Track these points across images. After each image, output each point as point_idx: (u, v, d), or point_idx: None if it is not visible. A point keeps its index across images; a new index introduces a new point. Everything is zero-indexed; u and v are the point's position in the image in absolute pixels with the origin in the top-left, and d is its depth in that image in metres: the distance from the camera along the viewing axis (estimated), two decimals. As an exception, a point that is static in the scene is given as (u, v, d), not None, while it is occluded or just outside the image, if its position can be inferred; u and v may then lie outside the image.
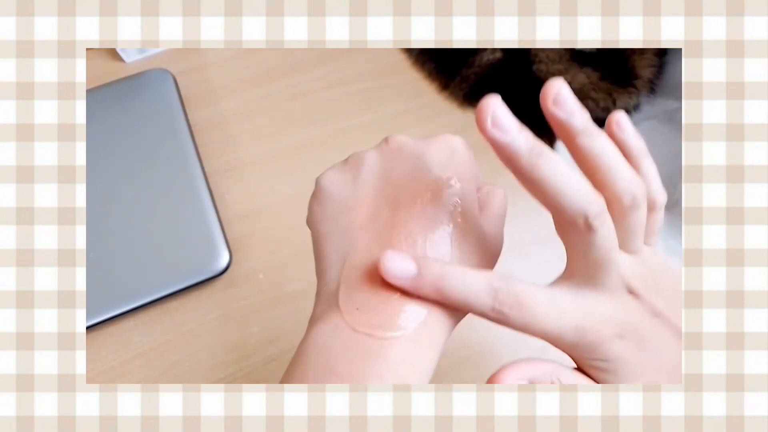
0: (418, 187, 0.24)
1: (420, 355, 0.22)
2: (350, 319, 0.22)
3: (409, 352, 0.22)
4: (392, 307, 0.22)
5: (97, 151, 0.49)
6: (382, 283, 0.22)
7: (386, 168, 0.25)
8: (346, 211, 0.24)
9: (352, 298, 0.22)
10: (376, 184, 0.25)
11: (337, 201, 0.25)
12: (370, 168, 0.25)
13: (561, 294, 0.23)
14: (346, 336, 0.21)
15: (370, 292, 0.22)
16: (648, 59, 0.51)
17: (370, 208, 0.24)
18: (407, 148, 0.25)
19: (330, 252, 0.24)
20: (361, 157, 0.26)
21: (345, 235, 0.24)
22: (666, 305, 0.24)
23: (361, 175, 0.25)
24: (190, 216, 0.47)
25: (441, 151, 0.25)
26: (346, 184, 0.25)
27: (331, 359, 0.21)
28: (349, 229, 0.24)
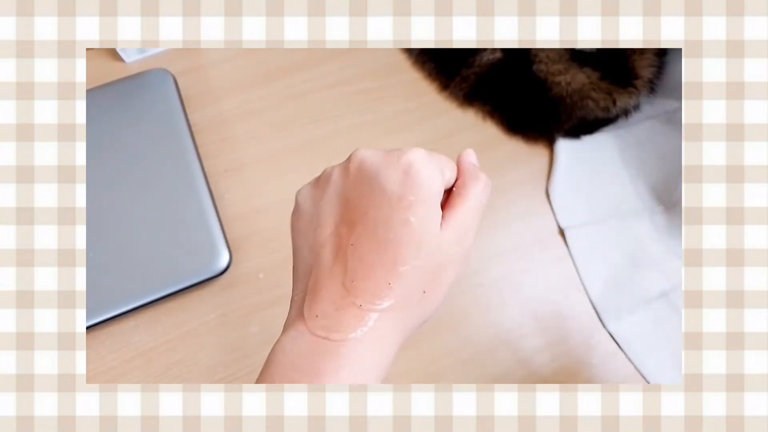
0: (371, 207, 0.25)
1: (369, 355, 0.24)
2: (311, 325, 0.24)
3: (358, 353, 0.24)
4: (346, 315, 0.24)
5: (97, 151, 0.49)
6: (338, 295, 0.24)
7: (347, 187, 0.26)
8: (312, 227, 0.27)
9: (313, 308, 0.25)
10: (338, 202, 0.26)
11: (307, 217, 0.27)
12: (334, 187, 0.27)
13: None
14: (308, 340, 0.24)
15: (328, 303, 0.24)
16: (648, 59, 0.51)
17: (331, 227, 0.26)
18: (365, 167, 0.26)
19: (299, 265, 0.27)
20: (328, 175, 0.27)
21: (311, 251, 0.26)
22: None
23: (326, 194, 0.27)
24: (190, 216, 0.47)
25: (396, 170, 0.25)
26: (315, 201, 0.27)
27: (294, 359, 0.24)
28: (314, 245, 0.26)
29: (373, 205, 0.25)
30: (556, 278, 0.48)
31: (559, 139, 0.52)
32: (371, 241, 0.25)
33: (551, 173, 0.51)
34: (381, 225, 0.25)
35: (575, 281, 0.47)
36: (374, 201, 0.25)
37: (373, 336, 0.24)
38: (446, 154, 0.28)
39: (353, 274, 0.25)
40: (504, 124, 0.53)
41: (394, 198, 0.25)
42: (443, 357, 0.45)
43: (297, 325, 0.25)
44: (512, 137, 0.53)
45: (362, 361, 0.24)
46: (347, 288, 0.25)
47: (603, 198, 0.51)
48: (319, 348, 0.24)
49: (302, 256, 0.27)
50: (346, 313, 0.24)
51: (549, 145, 0.53)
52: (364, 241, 0.25)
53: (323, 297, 0.25)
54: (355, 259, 0.25)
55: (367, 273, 0.24)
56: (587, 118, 0.51)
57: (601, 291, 0.47)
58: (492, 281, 0.47)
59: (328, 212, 0.26)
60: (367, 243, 0.25)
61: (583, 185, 0.51)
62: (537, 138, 0.53)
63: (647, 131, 0.53)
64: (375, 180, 0.25)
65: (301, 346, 0.24)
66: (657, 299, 0.47)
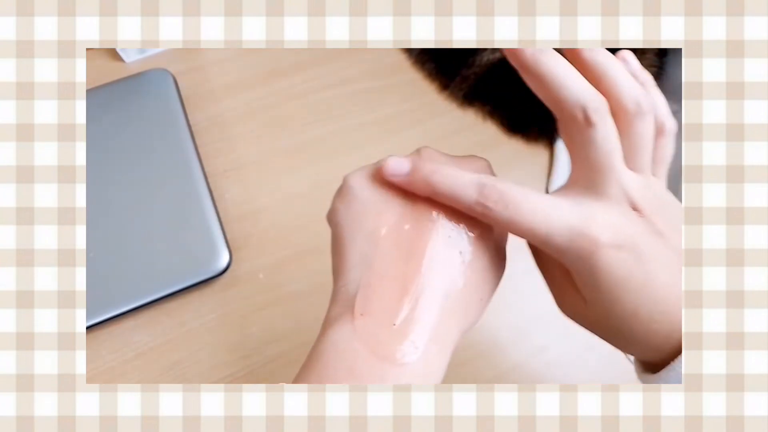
0: (443, 205, 0.24)
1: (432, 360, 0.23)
2: (359, 325, 0.22)
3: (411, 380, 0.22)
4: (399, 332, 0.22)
5: (97, 151, 0.49)
6: (398, 293, 0.23)
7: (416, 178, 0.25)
8: (372, 215, 0.25)
9: (369, 304, 0.23)
10: (404, 194, 0.25)
11: (364, 203, 0.25)
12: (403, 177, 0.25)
13: (558, 199, 0.23)
14: (355, 351, 0.22)
15: (386, 301, 0.23)
16: (648, 59, 0.51)
17: (395, 217, 0.24)
18: (439, 164, 0.25)
19: (352, 253, 0.24)
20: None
21: (368, 240, 0.24)
22: (670, 228, 0.23)
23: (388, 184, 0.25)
24: (190, 216, 0.47)
25: (470, 169, 0.25)
26: (374, 188, 0.25)
27: (351, 363, 0.22)
28: (373, 234, 0.24)
29: (444, 207, 0.24)
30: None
31: (559, 139, 0.52)
32: (439, 239, 0.24)
33: (551, 173, 0.51)
34: (452, 221, 0.24)
35: (575, 281, 0.47)
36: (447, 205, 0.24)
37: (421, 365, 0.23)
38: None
39: (417, 267, 0.23)
40: (504, 124, 0.53)
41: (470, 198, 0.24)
42: (443, 357, 0.45)
43: (347, 321, 0.23)
44: (512, 137, 0.53)
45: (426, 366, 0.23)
46: (407, 289, 0.23)
47: (603, 198, 0.51)
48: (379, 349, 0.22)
49: (354, 243, 0.24)
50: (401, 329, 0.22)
51: (549, 145, 0.53)
52: (432, 238, 0.24)
53: (383, 295, 0.23)
54: (418, 252, 0.23)
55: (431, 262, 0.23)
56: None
57: (601, 291, 0.47)
58: (492, 281, 0.47)
59: (393, 202, 0.25)
60: (436, 241, 0.24)
61: (583, 185, 0.51)
62: (537, 138, 0.53)
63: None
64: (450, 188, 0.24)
65: (357, 347, 0.22)
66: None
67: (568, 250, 0.22)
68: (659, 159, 0.25)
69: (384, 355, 0.22)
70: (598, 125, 0.22)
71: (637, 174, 0.24)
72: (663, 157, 0.26)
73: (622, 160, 0.23)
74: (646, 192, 0.24)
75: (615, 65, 0.23)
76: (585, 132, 0.22)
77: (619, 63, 0.24)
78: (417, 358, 0.22)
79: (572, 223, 0.22)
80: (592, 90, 0.22)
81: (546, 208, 0.22)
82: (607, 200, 0.23)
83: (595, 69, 0.23)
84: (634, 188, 0.23)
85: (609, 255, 0.22)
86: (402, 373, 0.22)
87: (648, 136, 0.24)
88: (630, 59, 0.26)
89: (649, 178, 0.25)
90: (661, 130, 0.25)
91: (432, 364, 0.23)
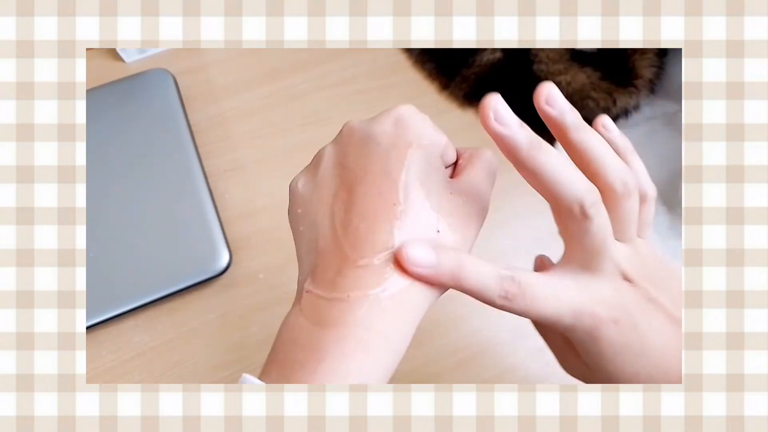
0: (368, 163, 0.25)
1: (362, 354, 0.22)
2: (304, 301, 0.23)
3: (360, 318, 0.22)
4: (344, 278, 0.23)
5: (97, 151, 0.49)
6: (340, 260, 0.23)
7: (341, 155, 0.26)
8: (312, 205, 0.25)
9: (315, 280, 0.23)
10: (333, 171, 0.26)
11: (305, 199, 0.26)
12: (328, 159, 0.26)
13: (560, 280, 0.24)
14: (310, 309, 0.23)
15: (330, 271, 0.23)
16: (649, 59, 0.51)
17: (330, 196, 0.25)
18: (357, 130, 0.26)
19: (302, 245, 0.25)
20: (320, 153, 0.27)
21: (312, 227, 0.25)
22: (660, 292, 0.25)
23: (320, 170, 0.26)
24: (190, 216, 0.47)
25: (386, 123, 0.26)
26: (310, 182, 0.26)
27: (297, 335, 0.23)
28: (314, 220, 0.25)
29: (371, 161, 0.25)
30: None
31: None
32: (372, 195, 0.24)
33: (551, 173, 0.51)
34: (379, 177, 0.24)
35: (575, 281, 0.47)
36: (371, 157, 0.25)
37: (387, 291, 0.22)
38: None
39: (355, 234, 0.23)
40: (504, 124, 0.53)
41: (389, 147, 0.25)
42: (443, 357, 0.45)
43: (299, 299, 0.24)
44: (512, 137, 0.53)
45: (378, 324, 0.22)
46: (348, 251, 0.23)
47: (603, 198, 0.51)
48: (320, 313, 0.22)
49: (303, 236, 0.25)
50: (344, 276, 0.22)
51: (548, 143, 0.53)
52: (364, 198, 0.24)
53: (325, 266, 0.23)
54: (357, 218, 0.23)
55: (369, 226, 0.23)
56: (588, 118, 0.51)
57: (601, 291, 0.47)
58: (492, 281, 0.47)
59: (325, 185, 0.25)
60: (368, 198, 0.24)
61: (583, 185, 0.51)
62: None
63: (647, 132, 0.53)
64: (369, 138, 0.25)
65: (302, 321, 0.23)
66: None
67: (573, 328, 0.24)
68: (644, 223, 0.27)
69: (320, 321, 0.22)
70: (594, 218, 0.23)
71: (625, 244, 0.26)
72: (647, 220, 0.27)
73: (613, 239, 0.25)
74: (635, 260, 0.25)
75: (602, 148, 0.24)
76: (582, 224, 0.23)
77: (605, 144, 0.25)
78: (356, 317, 0.22)
79: (576, 304, 0.24)
80: (586, 183, 0.23)
81: (556, 292, 0.24)
82: (602, 276, 0.24)
83: (584, 153, 0.24)
84: (624, 260, 0.25)
85: (608, 328, 0.24)
86: (342, 335, 0.21)
87: (635, 210, 0.25)
88: (609, 125, 0.28)
89: (636, 245, 0.26)
90: (644, 199, 0.26)
91: (382, 320, 0.22)
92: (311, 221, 0.25)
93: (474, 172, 0.27)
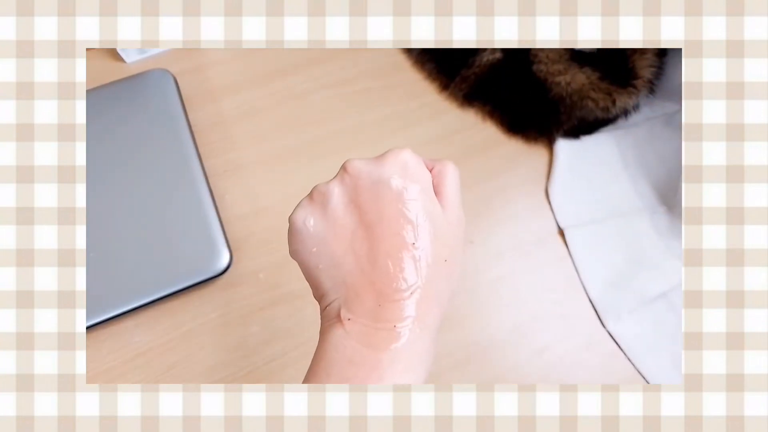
0: (382, 205, 0.27)
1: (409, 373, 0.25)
2: (348, 326, 0.25)
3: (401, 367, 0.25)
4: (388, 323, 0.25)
5: (97, 151, 0.49)
6: (374, 296, 0.26)
7: (352, 194, 0.27)
8: (326, 242, 0.27)
9: (352, 311, 0.26)
10: (346, 210, 0.27)
11: (315, 236, 0.27)
12: (337, 198, 0.27)
13: None
14: (359, 335, 0.25)
15: (366, 305, 0.26)
16: (648, 59, 0.51)
17: (348, 234, 0.27)
18: (365, 172, 0.28)
19: (324, 281, 0.27)
20: (326, 191, 0.28)
21: (333, 265, 0.27)
22: None
23: (329, 208, 0.27)
24: (191, 216, 0.47)
25: (393, 165, 0.27)
26: (319, 219, 0.27)
27: (351, 354, 0.25)
28: (336, 258, 0.27)
29: (385, 204, 0.27)
30: (556, 278, 0.48)
31: (558, 139, 0.52)
32: (391, 236, 0.26)
33: (551, 173, 0.51)
34: (395, 219, 0.26)
35: (575, 281, 0.47)
36: (385, 201, 0.27)
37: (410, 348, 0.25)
38: (446, 154, 0.28)
39: (385, 272, 0.26)
40: (504, 124, 0.53)
41: (402, 192, 0.27)
42: (443, 357, 0.45)
43: (340, 326, 0.26)
44: (512, 137, 0.53)
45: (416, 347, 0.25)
46: (381, 287, 0.26)
47: (603, 198, 0.51)
48: (371, 342, 0.25)
49: (323, 272, 0.27)
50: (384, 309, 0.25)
51: (549, 145, 0.53)
52: (384, 238, 0.26)
53: (361, 299, 0.26)
54: (382, 256, 0.26)
55: (395, 264, 0.26)
56: (587, 118, 0.51)
57: (601, 291, 0.47)
58: (492, 281, 0.47)
59: (339, 223, 0.27)
60: (389, 239, 0.26)
61: (583, 185, 0.51)
62: (537, 138, 0.53)
63: (646, 132, 0.53)
64: (379, 182, 0.27)
65: (353, 343, 0.25)
66: (657, 299, 0.47)
67: None
68: None
69: (374, 346, 0.25)
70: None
71: None
72: None
73: None
74: None
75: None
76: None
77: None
78: (403, 344, 0.25)
79: None
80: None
81: None
82: None
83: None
84: None
85: None
86: (394, 357, 0.25)
87: None
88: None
89: None
90: None
91: (418, 344, 0.25)
92: (330, 258, 0.27)
93: (450, 192, 0.29)
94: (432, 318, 0.26)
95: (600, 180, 0.52)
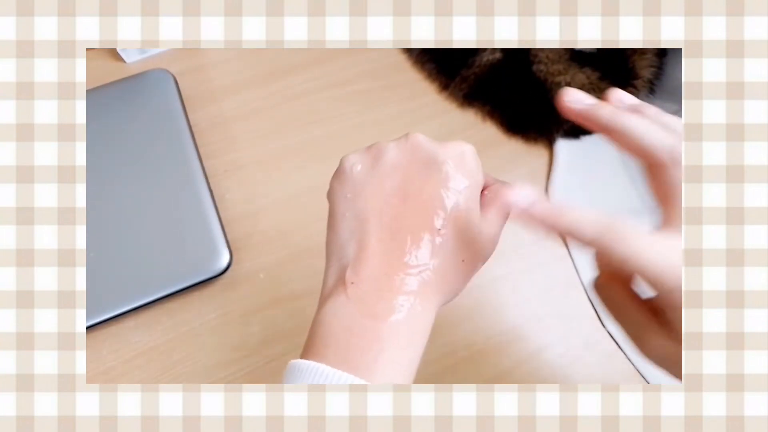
0: (426, 182, 0.27)
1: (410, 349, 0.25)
2: (350, 291, 0.25)
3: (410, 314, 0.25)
4: (390, 294, 0.25)
5: (97, 152, 0.49)
6: (385, 266, 0.26)
7: (402, 161, 0.28)
8: (361, 195, 0.27)
9: (359, 273, 0.26)
10: (392, 172, 0.27)
11: (355, 183, 0.28)
12: (389, 159, 0.28)
13: (665, 239, 0.24)
14: (360, 302, 0.25)
15: (376, 271, 0.25)
16: (648, 59, 0.51)
17: (383, 195, 0.27)
18: (424, 146, 0.28)
19: (343, 230, 0.27)
20: (383, 148, 0.28)
21: (358, 218, 0.27)
22: None
23: (379, 164, 0.28)
24: (191, 216, 0.47)
25: (452, 153, 0.28)
26: (365, 169, 0.28)
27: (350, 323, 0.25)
28: (363, 212, 0.27)
29: (431, 182, 0.27)
30: (556, 278, 0.48)
31: (558, 139, 0.52)
32: (421, 213, 0.26)
33: (551, 173, 0.51)
34: (432, 199, 0.26)
35: (575, 281, 0.47)
36: (431, 179, 0.27)
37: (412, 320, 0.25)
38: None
39: (401, 245, 0.26)
40: (504, 124, 0.53)
41: (449, 179, 0.27)
42: (443, 357, 0.45)
43: (341, 292, 0.26)
44: (512, 137, 0.53)
45: (415, 325, 0.25)
46: (393, 260, 0.25)
47: (603, 198, 0.51)
48: (371, 312, 0.25)
49: (345, 221, 0.27)
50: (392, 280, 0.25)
51: (549, 145, 0.53)
52: (414, 212, 0.26)
53: (371, 264, 0.26)
54: (404, 230, 0.26)
55: (414, 242, 0.26)
56: (587, 118, 0.51)
57: (601, 291, 0.47)
58: (492, 281, 0.47)
59: (380, 181, 0.27)
60: (418, 215, 0.26)
61: (583, 185, 0.51)
62: (537, 138, 0.53)
63: (647, 131, 0.53)
64: (434, 161, 0.27)
65: (352, 311, 0.25)
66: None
67: (675, 291, 0.23)
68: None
69: (374, 315, 0.25)
70: (680, 165, 0.24)
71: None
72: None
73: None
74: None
75: (641, 125, 0.25)
76: (676, 172, 0.24)
77: (643, 121, 0.26)
78: (403, 317, 0.25)
79: (675, 261, 0.23)
80: (666, 134, 0.25)
81: (656, 249, 0.23)
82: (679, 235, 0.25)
83: (627, 135, 0.25)
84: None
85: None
86: (393, 330, 0.25)
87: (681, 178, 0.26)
88: (625, 99, 0.28)
89: None
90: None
91: (418, 321, 0.25)
92: (359, 211, 0.27)
93: (498, 212, 0.29)
94: (432, 304, 0.26)
95: (600, 180, 0.52)
